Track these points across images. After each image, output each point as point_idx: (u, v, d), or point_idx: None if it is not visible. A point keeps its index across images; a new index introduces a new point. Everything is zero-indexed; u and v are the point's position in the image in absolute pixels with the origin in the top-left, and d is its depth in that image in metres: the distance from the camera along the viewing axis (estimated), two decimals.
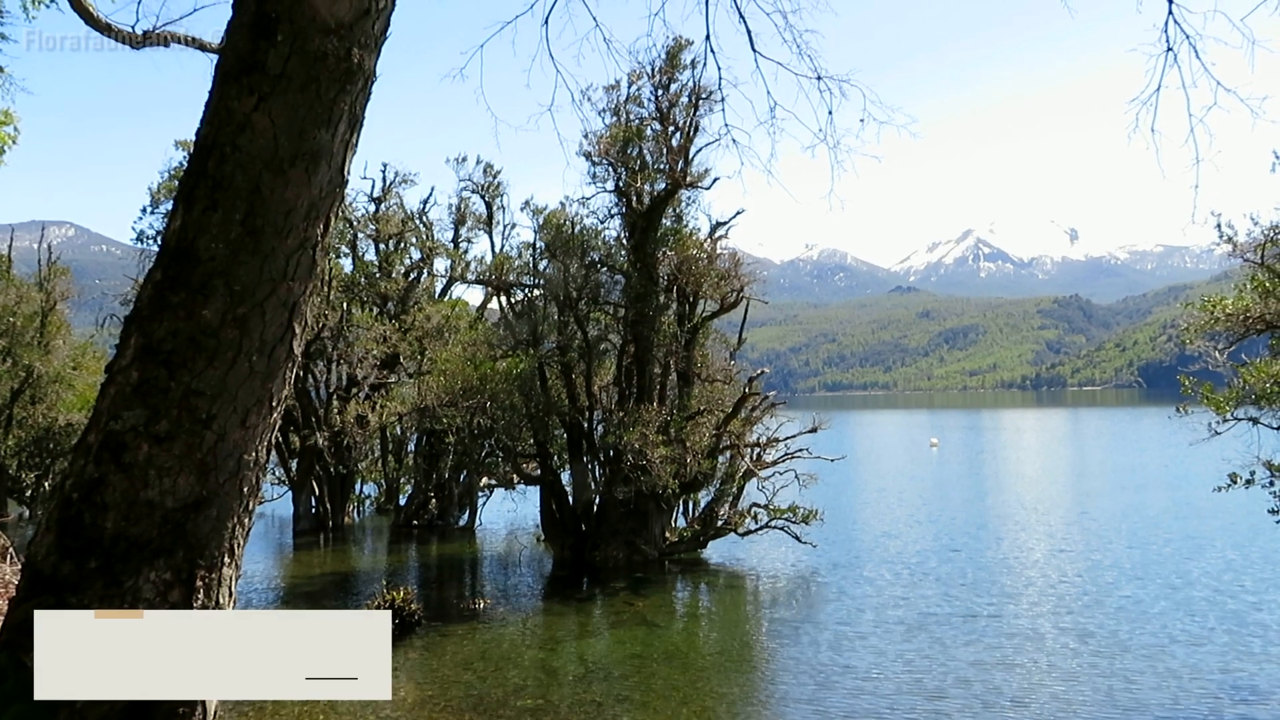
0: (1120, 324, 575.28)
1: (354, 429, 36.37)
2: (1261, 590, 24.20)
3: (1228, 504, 23.76)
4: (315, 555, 33.19)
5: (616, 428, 28.02)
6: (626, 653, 19.89)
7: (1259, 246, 16.41)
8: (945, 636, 20.31)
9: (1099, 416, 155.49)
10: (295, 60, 4.28)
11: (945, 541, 32.82)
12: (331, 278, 36.55)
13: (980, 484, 54.62)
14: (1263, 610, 22.02)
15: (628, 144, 28.90)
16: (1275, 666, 17.70)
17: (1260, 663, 17.98)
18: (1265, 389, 16.93)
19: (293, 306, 4.44)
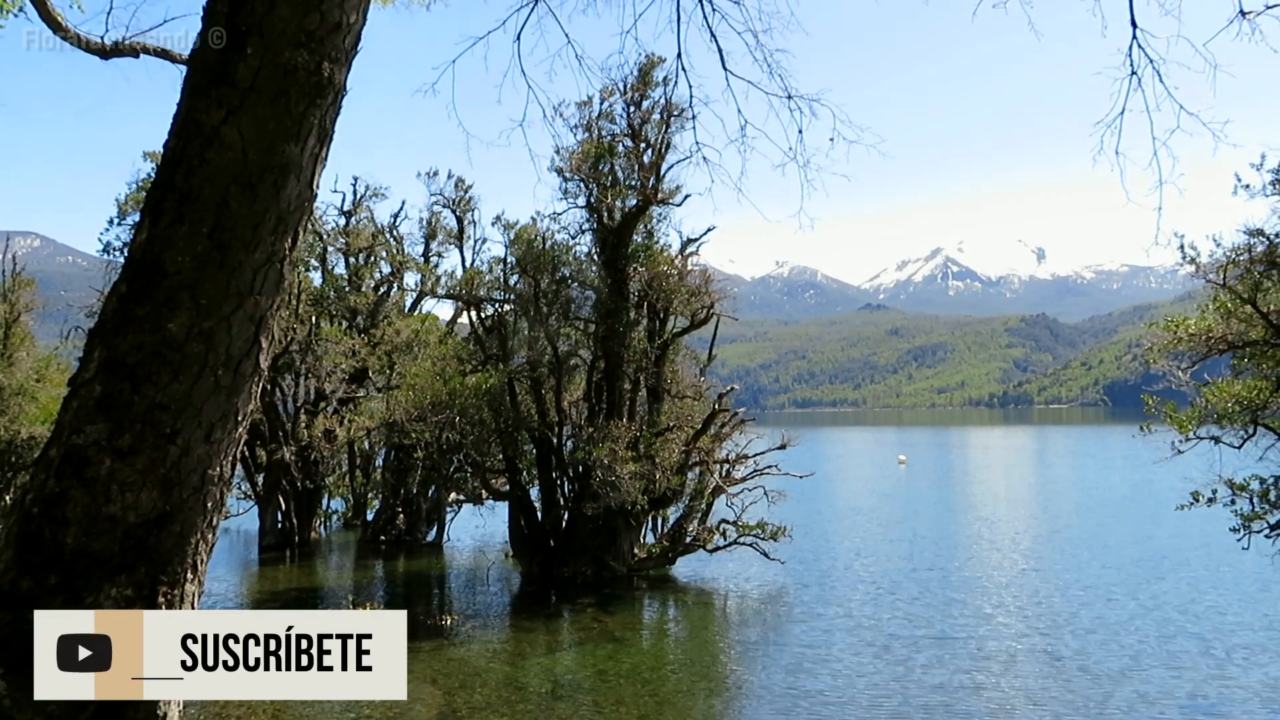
0: (1086, 343, 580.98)
1: (321, 443, 36.12)
2: (1230, 610, 24.27)
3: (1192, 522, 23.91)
4: (281, 571, 32.89)
5: (586, 443, 27.98)
6: (593, 669, 19.82)
7: (1221, 268, 16.62)
8: (913, 659, 20.17)
9: (1065, 434, 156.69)
10: (265, 74, 4.27)
11: (914, 560, 32.89)
12: (300, 291, 36.31)
13: (948, 502, 54.87)
14: (1234, 633, 21.98)
15: (599, 160, 28.94)
16: (1242, 690, 17.69)
17: (1229, 686, 17.94)
18: (1226, 408, 17.14)
19: (260, 320, 4.41)
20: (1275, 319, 16.13)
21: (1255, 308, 16.12)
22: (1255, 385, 17.10)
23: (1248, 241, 16.67)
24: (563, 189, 29.57)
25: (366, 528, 39.35)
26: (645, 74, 28.39)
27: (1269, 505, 17.24)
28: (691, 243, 30.42)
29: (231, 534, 39.75)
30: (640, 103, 28.95)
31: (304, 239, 4.88)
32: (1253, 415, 17.16)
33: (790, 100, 7.77)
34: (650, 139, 29.06)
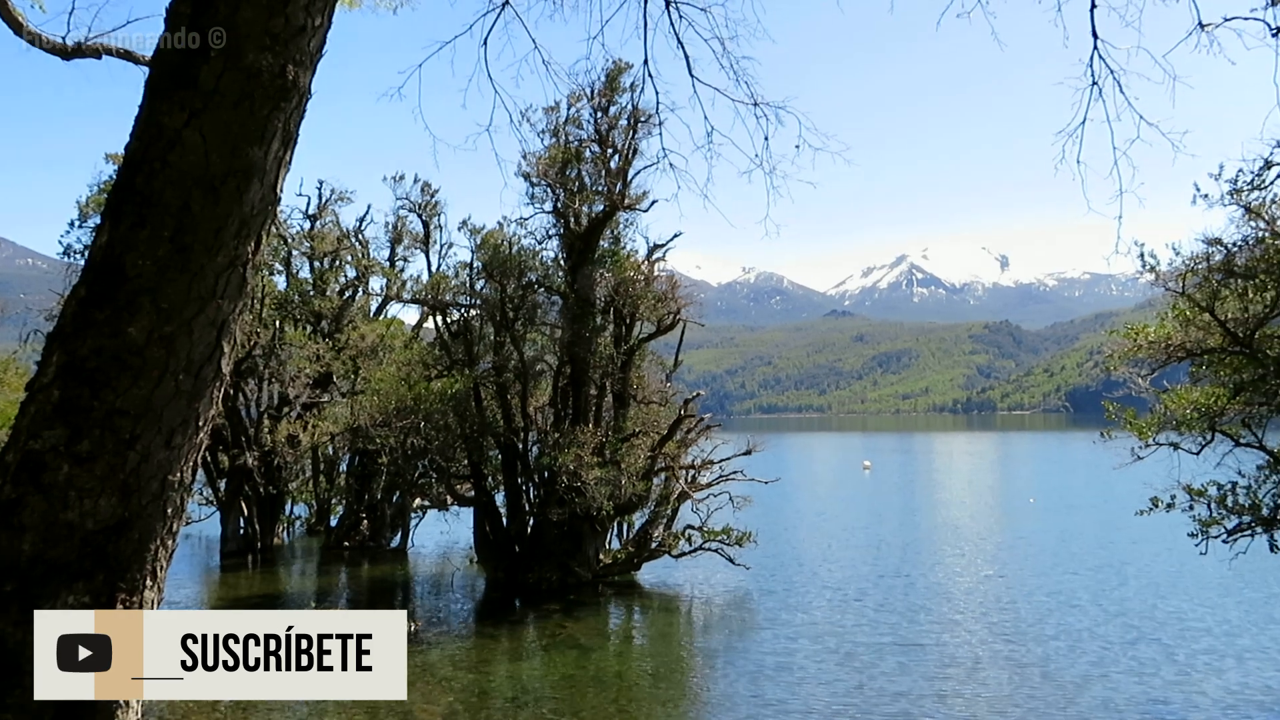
0: (1049, 350, 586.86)
1: (285, 449, 35.83)
2: (1191, 616, 24.49)
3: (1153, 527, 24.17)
4: (243, 577, 32.58)
5: (552, 449, 27.92)
6: (558, 675, 19.78)
7: (1180, 276, 16.82)
8: (877, 666, 20.16)
9: (1028, 440, 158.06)
10: (228, 76, 4.24)
11: (879, 567, 33.04)
12: (264, 295, 36.04)
13: (913, 508, 55.21)
14: (1196, 639, 22.17)
15: (566, 165, 28.93)
16: (1203, 697, 17.82)
17: (1190, 693, 18.05)
18: (1185, 415, 17.35)
19: (221, 325, 4.37)
20: (1232, 327, 16.35)
21: (1213, 315, 16.33)
22: (1213, 392, 17.32)
23: (1206, 250, 16.89)
24: (529, 194, 29.57)
25: (330, 533, 39.07)
26: (613, 80, 28.40)
27: (1226, 511, 17.46)
28: (658, 248, 30.49)
29: (193, 540, 39.33)
30: (608, 108, 28.96)
31: (268, 243, 4.84)
32: (1210, 422, 17.38)
33: (756, 107, 7.81)
34: (617, 145, 29.07)
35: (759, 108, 7.79)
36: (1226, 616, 24.24)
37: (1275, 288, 15.88)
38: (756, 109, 7.79)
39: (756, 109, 7.79)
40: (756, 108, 7.79)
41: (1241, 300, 16.53)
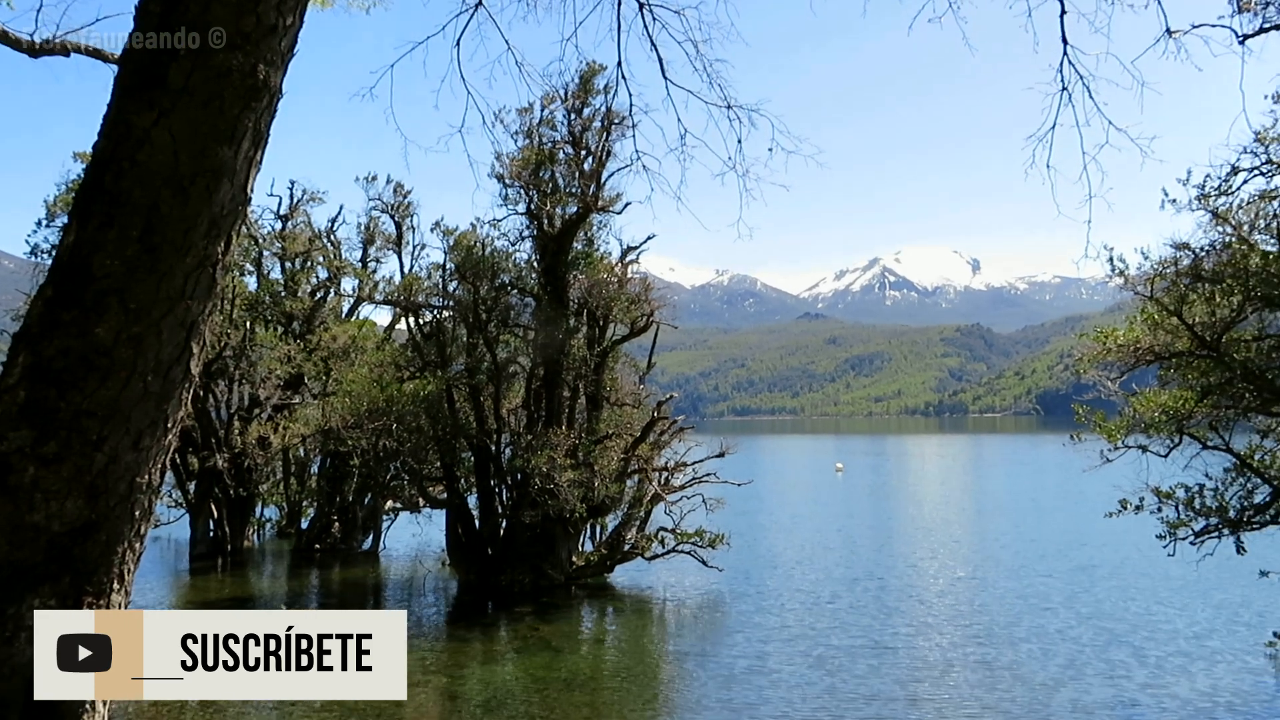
0: (1020, 353, 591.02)
1: (255, 450, 35.58)
2: (1161, 618, 24.65)
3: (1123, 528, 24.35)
4: (212, 580, 32.34)
5: (524, 451, 27.87)
6: (530, 678, 19.74)
7: (1149, 280, 16.99)
8: (850, 669, 20.14)
9: (999, 443, 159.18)
10: (198, 75, 4.21)
11: (851, 569, 33.14)
12: (235, 295, 35.80)
13: (885, 510, 55.44)
14: (1167, 641, 22.30)
15: (540, 167, 28.88)
16: (1173, 699, 17.86)
17: (1160, 695, 18.12)
18: (1153, 418, 17.52)
19: (190, 326, 4.34)
20: (1200, 331, 16.53)
21: (1181, 320, 16.51)
22: (1181, 395, 17.51)
23: (1174, 255, 17.07)
24: (503, 195, 29.52)
25: (301, 536, 38.83)
26: (586, 81, 28.37)
27: (1193, 513, 17.65)
28: (632, 250, 30.52)
29: (161, 543, 39.01)
30: (581, 110, 28.93)
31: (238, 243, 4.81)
32: (1178, 425, 17.56)
33: (730, 110, 7.82)
34: (591, 146, 29.05)
35: (732, 110, 7.81)
36: (1196, 618, 24.42)
37: (1242, 292, 16.06)
38: (730, 112, 7.81)
39: (730, 112, 7.81)
40: (730, 110, 7.81)
41: (1209, 304, 16.72)
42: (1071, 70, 7.52)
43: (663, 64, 7.59)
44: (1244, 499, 17.59)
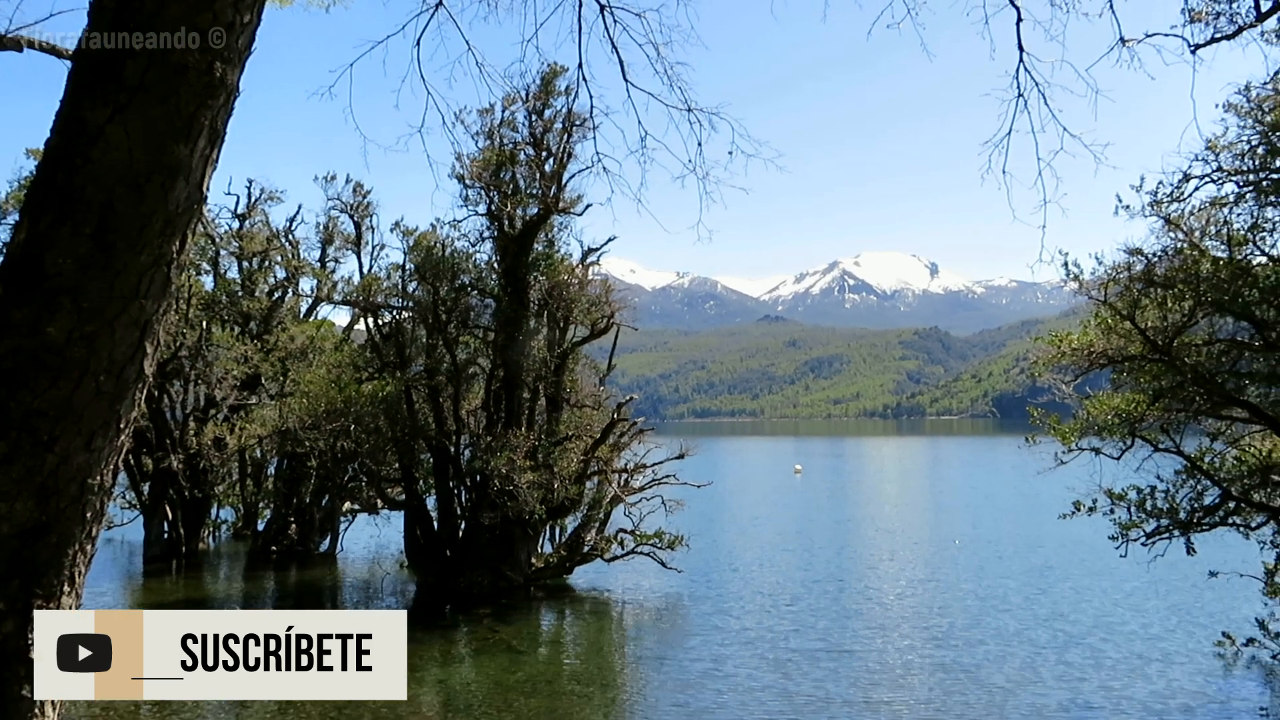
0: (976, 356, 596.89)
1: (211, 451, 35.23)
2: (1117, 619, 24.81)
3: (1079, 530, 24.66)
4: (166, 583, 31.94)
5: (484, 452, 27.77)
6: (489, 680, 19.68)
7: (1102, 285, 17.21)
8: (808, 673, 20.12)
9: (956, 445, 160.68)
10: (154, 72, 4.16)
11: (811, 570, 33.28)
12: (191, 295, 35.42)
13: (844, 512, 55.72)
14: (1125, 643, 22.43)
15: (500, 168, 28.80)
16: (1129, 701, 17.96)
17: (1116, 698, 18.26)
18: (1106, 421, 17.75)
19: (144, 325, 4.29)
20: (1152, 335, 16.76)
21: (1133, 324, 16.73)
22: (1133, 399, 17.76)
23: (1127, 260, 17.31)
24: (463, 196, 29.40)
25: (257, 538, 38.46)
26: (547, 83, 28.33)
27: (1145, 514, 17.90)
28: (592, 252, 30.50)
29: (115, 545, 38.51)
30: (542, 111, 28.88)
31: (194, 242, 4.77)
32: (1131, 428, 17.81)
33: (690, 112, 7.85)
34: (552, 148, 29.01)
35: (692, 113, 7.84)
36: (1150, 619, 24.73)
37: (1193, 297, 16.31)
38: (690, 114, 7.84)
39: (690, 114, 7.84)
40: (690, 113, 7.84)
41: (1161, 309, 16.96)
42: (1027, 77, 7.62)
43: (623, 66, 7.61)
44: (1194, 501, 17.87)
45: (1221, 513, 17.87)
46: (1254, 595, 21.21)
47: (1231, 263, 16.22)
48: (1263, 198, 16.90)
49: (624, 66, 7.62)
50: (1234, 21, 14.88)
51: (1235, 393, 17.06)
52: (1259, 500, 17.82)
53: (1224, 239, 16.71)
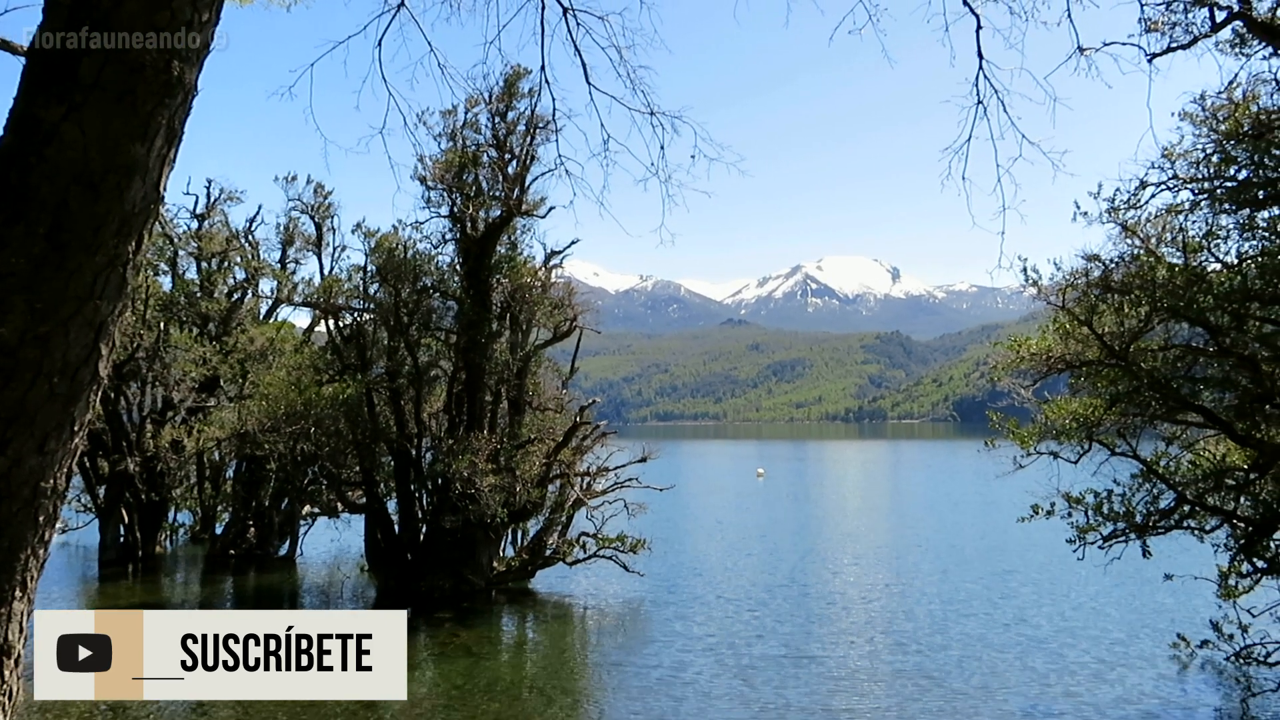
0: (937, 360, 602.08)
1: (168, 454, 34.86)
2: (1079, 624, 24.92)
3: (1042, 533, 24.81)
4: (122, 587, 31.53)
5: (446, 456, 27.65)
6: (449, 685, 19.58)
7: (1061, 290, 17.41)
8: (771, 679, 20.01)
9: (917, 449, 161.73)
10: (110, 70, 4.11)
11: (774, 575, 33.30)
12: (148, 296, 35.03)
13: (806, 515, 55.96)
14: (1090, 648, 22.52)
15: (463, 170, 28.71)
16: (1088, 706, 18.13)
17: (1079, 703, 18.36)
18: (1064, 425, 17.94)
19: (100, 326, 4.23)
20: (1109, 340, 16.97)
21: (1091, 329, 16.93)
22: (1090, 403, 17.95)
23: (1085, 266, 17.52)
24: (425, 198, 29.27)
25: (215, 541, 38.08)
26: (511, 85, 28.29)
27: (1102, 518, 18.10)
28: (555, 255, 30.46)
29: (69, 549, 38.02)
30: (505, 114, 28.84)
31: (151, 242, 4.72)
32: (1088, 432, 18.00)
33: (653, 116, 7.86)
34: (515, 150, 28.96)
35: (655, 117, 7.85)
36: (1110, 623, 24.88)
37: (1149, 303, 16.53)
38: (653, 118, 7.85)
39: (653, 118, 7.85)
40: (653, 117, 7.84)
41: (1118, 315, 17.17)
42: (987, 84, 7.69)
43: (586, 69, 7.60)
44: (1150, 504, 18.08)
45: (1177, 516, 18.10)
46: (1209, 597, 21.49)
47: (1187, 269, 16.45)
48: (1217, 205, 17.16)
49: (587, 69, 7.62)
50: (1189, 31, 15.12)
51: (1190, 398, 17.30)
52: (1213, 504, 18.07)
53: (1179, 246, 16.94)
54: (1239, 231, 17.32)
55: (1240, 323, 16.62)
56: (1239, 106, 16.52)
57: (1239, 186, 16.80)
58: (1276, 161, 16.22)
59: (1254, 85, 16.73)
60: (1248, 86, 16.74)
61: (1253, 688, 18.34)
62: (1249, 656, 18.46)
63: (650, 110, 7.78)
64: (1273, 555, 18.28)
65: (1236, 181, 16.87)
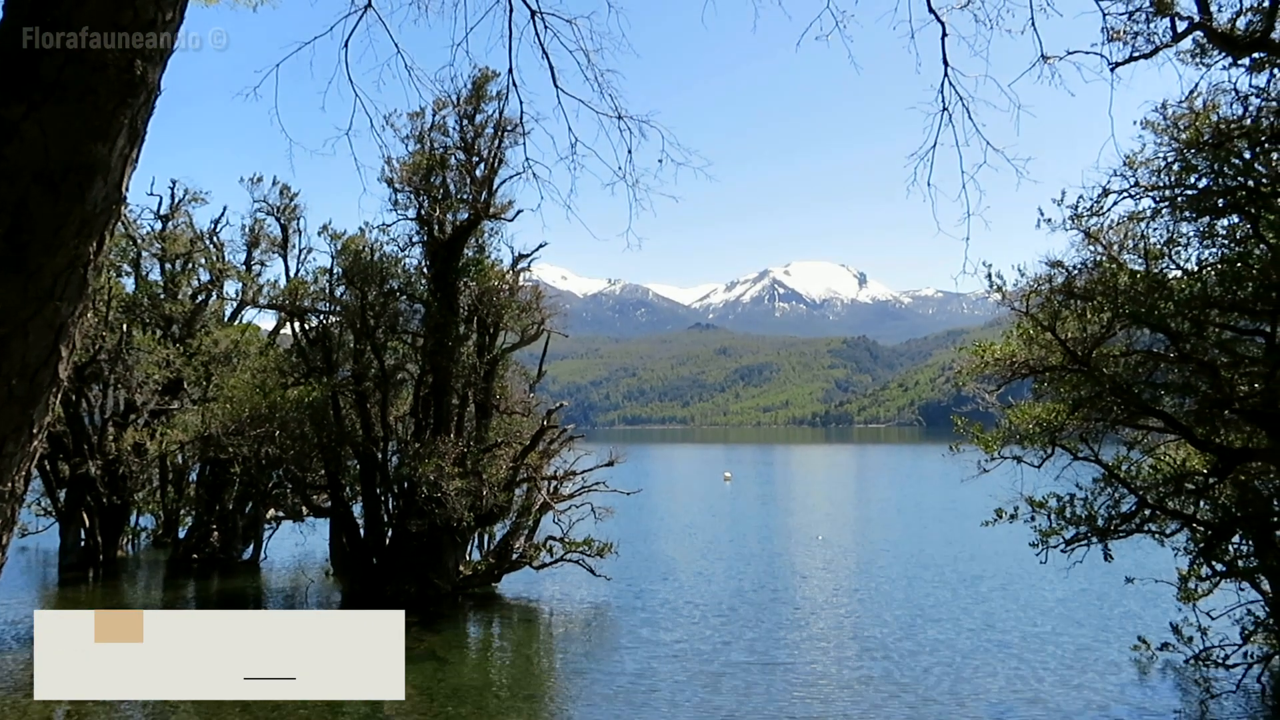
0: (903, 365, 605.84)
1: (130, 457, 34.47)
2: (1048, 628, 24.95)
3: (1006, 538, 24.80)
4: (83, 592, 31.16)
5: (412, 459, 27.52)
6: (415, 689, 19.44)
7: (1025, 296, 17.59)
8: (737, 686, 19.89)
9: (884, 453, 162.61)
10: (72, 69, 4.07)
11: (741, 580, 33.21)
12: (111, 297, 34.67)
13: (773, 520, 56.08)
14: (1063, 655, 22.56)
15: (431, 172, 28.60)
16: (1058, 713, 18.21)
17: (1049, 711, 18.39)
18: (1028, 430, 18.11)
19: (59, 328, 4.18)
20: (1072, 346, 17.14)
21: (1054, 335, 17.10)
22: (1053, 408, 18.13)
23: (1048, 272, 17.71)
24: (392, 200, 29.13)
25: (178, 545, 37.72)
26: (479, 87, 28.23)
27: (1064, 521, 18.28)
28: (523, 258, 30.38)
29: (29, 553, 37.54)
30: (473, 116, 28.77)
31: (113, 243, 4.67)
32: (1051, 436, 18.18)
33: (620, 120, 7.85)
34: (483, 153, 28.90)
35: (623, 121, 7.84)
36: (1073, 627, 24.92)
37: (1111, 309, 16.71)
38: (620, 122, 7.84)
39: (620, 122, 7.84)
40: (620, 121, 7.84)
41: (1080, 320, 17.36)
42: (952, 91, 7.75)
43: (554, 72, 7.59)
44: (1111, 508, 18.29)
45: (1138, 520, 18.31)
46: (1169, 600, 21.72)
47: (1148, 276, 16.66)
48: (1178, 213, 17.39)
49: (554, 73, 7.61)
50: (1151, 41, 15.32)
51: (1151, 403, 17.50)
52: (1173, 508, 18.30)
53: (1141, 253, 17.16)
54: (1199, 239, 17.58)
55: (1200, 329, 16.84)
56: (1199, 116, 16.76)
57: (1199, 194, 17.03)
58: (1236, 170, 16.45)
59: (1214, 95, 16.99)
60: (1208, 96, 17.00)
61: (1212, 689, 18.54)
62: (1208, 659, 18.71)
63: (618, 114, 7.78)
64: (1231, 559, 18.54)
65: (1197, 189, 17.11)
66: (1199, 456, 18.39)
